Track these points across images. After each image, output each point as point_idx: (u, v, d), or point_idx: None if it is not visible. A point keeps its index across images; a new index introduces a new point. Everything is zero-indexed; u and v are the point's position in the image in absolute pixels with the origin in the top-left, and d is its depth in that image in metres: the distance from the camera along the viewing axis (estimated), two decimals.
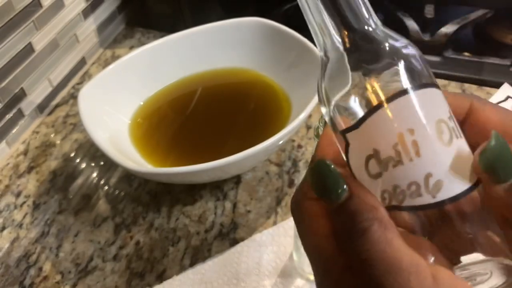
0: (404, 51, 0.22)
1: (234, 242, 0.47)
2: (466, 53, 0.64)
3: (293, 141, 0.56)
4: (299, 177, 0.52)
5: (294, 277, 0.44)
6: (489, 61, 0.62)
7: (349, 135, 0.22)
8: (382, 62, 0.22)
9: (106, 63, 0.70)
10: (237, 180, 0.53)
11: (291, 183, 0.52)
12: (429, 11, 0.67)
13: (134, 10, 0.77)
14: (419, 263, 0.19)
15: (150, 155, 0.52)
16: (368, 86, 0.22)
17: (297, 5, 0.24)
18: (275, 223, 0.49)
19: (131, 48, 0.72)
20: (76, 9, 0.65)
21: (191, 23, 0.68)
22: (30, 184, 0.55)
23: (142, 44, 0.71)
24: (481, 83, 0.60)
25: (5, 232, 0.50)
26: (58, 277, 0.46)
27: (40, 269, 0.47)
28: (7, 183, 0.55)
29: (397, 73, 0.22)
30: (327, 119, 0.23)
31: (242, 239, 0.47)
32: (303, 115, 0.45)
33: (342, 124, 0.22)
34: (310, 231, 0.22)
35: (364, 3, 0.23)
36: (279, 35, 0.57)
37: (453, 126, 0.21)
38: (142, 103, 0.57)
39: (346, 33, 0.23)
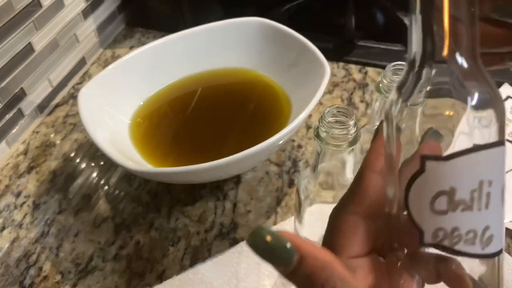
0: (501, 102, 0.22)
1: (234, 242, 0.47)
2: None
3: (293, 141, 0.56)
4: (299, 177, 0.52)
5: None
6: None
7: (429, 163, 0.21)
8: (483, 101, 0.21)
9: (106, 63, 0.70)
10: (237, 180, 0.53)
11: (291, 183, 0.52)
12: None
13: (134, 10, 0.77)
14: None
15: (150, 155, 0.52)
16: (466, 122, 0.21)
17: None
18: (275, 223, 0.49)
19: (131, 48, 0.72)
20: (76, 9, 0.65)
21: (191, 23, 0.69)
22: (30, 184, 0.55)
23: (142, 44, 0.72)
24: None
25: (5, 232, 0.50)
26: (58, 277, 0.46)
27: (40, 269, 0.47)
28: (7, 183, 0.55)
29: (491, 120, 0.21)
30: (388, 131, 0.22)
31: (242, 239, 0.47)
32: (303, 115, 0.45)
33: (422, 148, 0.21)
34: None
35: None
36: (279, 35, 0.57)
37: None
38: (142, 103, 0.57)
39: (456, 56, 0.21)
